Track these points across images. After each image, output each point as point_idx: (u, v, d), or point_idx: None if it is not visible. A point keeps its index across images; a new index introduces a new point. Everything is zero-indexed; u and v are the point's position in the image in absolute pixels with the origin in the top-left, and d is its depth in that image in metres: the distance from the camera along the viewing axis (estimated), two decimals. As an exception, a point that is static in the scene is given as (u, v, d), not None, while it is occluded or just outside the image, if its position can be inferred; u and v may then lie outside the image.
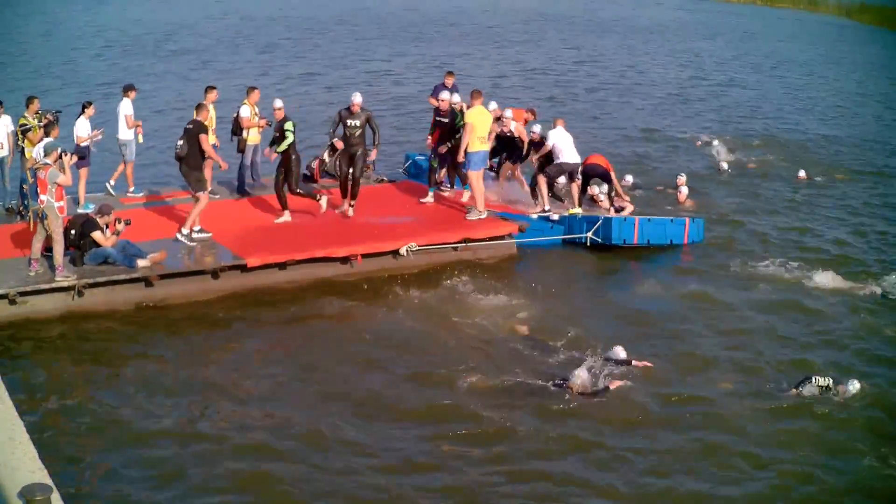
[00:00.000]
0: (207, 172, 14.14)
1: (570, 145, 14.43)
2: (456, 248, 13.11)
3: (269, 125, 14.59)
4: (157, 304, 11.34)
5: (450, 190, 14.92)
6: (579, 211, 14.38)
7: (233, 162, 14.99)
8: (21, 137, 12.83)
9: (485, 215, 13.59)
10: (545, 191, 14.48)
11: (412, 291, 11.92)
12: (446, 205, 14.38)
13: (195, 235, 12.22)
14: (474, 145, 13.47)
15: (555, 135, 14.46)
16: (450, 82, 16.07)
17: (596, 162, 15.07)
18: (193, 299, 11.49)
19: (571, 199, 14.74)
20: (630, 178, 16.94)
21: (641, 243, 13.84)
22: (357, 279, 12.33)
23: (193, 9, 44.78)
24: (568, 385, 9.40)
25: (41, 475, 4.53)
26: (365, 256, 12.45)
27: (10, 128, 13.23)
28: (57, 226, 10.75)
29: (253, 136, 14.20)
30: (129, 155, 14.10)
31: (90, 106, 13.58)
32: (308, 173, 15.29)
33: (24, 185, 11.03)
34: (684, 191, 16.29)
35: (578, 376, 9.42)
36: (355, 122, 13.12)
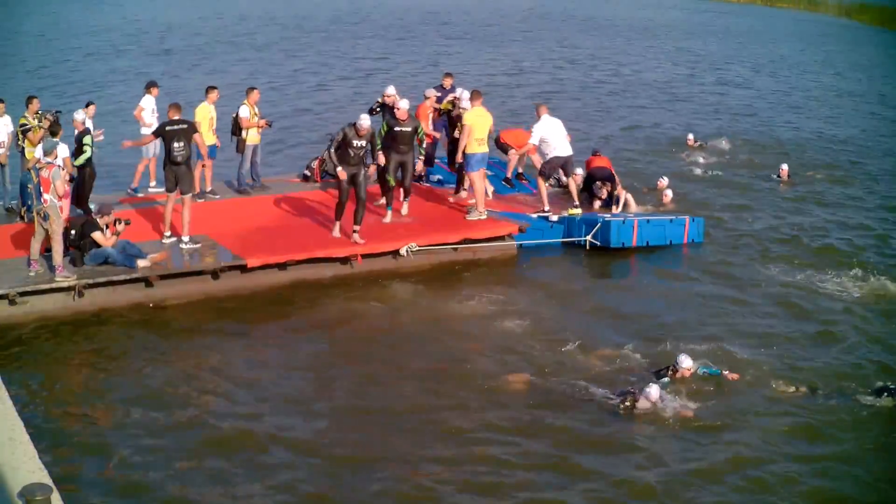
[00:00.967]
0: (207, 173, 14.19)
1: (559, 135, 14.14)
2: (456, 249, 13.11)
3: (270, 125, 14.62)
4: (157, 304, 11.35)
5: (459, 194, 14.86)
6: (579, 212, 14.35)
7: (232, 162, 15.01)
8: (21, 137, 12.84)
9: (485, 216, 13.59)
10: (544, 191, 14.47)
11: (412, 292, 11.92)
12: (446, 205, 14.38)
13: (187, 240, 12.15)
14: (472, 147, 13.45)
15: (540, 127, 14.09)
16: (448, 83, 16.07)
17: (601, 164, 15.03)
18: (193, 299, 11.50)
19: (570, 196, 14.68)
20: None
21: (641, 245, 13.84)
22: (357, 279, 12.34)
23: (193, 8, 44.79)
24: (637, 395, 9.17)
25: (41, 475, 4.54)
26: (365, 257, 12.46)
27: (10, 128, 13.24)
28: (58, 226, 10.76)
29: (252, 137, 14.20)
30: (147, 152, 14.14)
31: (91, 105, 13.59)
32: (308, 173, 15.30)
33: (29, 186, 11.01)
34: (669, 193, 15.99)
35: (650, 390, 9.17)
36: (361, 144, 12.38)
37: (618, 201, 15.02)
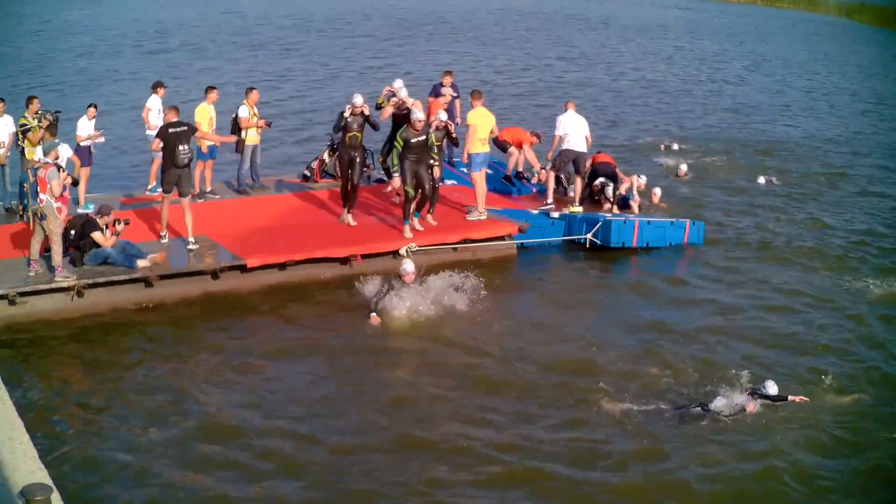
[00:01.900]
0: (208, 173, 14.19)
1: (578, 132, 14.31)
2: (456, 249, 13.11)
3: (269, 126, 14.61)
4: (157, 304, 11.34)
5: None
6: (580, 210, 14.37)
7: (232, 162, 15.02)
8: (21, 137, 12.83)
9: (485, 216, 13.60)
10: (552, 184, 14.51)
11: (411, 292, 11.89)
12: (446, 205, 14.38)
13: (192, 241, 12.15)
14: (476, 146, 13.50)
15: (562, 119, 14.42)
16: (448, 82, 16.09)
17: (605, 160, 15.03)
18: (193, 300, 11.49)
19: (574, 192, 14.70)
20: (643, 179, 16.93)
21: (641, 245, 13.84)
22: (357, 279, 12.33)
23: (192, 8, 44.78)
24: (708, 409, 9.07)
25: (41, 475, 4.54)
26: (365, 257, 12.45)
27: (11, 128, 13.24)
28: (56, 226, 10.75)
29: (252, 137, 14.21)
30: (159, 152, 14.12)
31: (93, 107, 13.59)
32: (308, 174, 15.30)
33: (25, 185, 11.02)
34: (657, 192, 15.80)
35: (719, 403, 9.10)
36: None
37: (622, 199, 14.99)
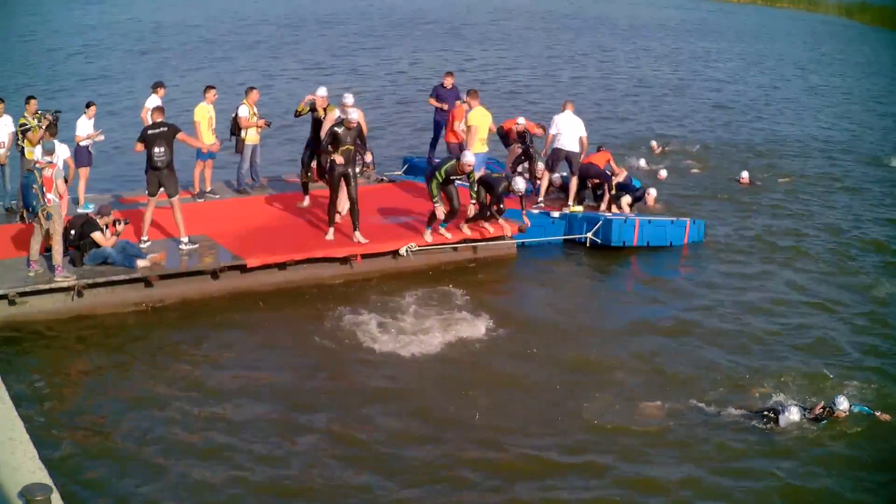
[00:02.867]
0: (207, 172, 14.17)
1: (571, 132, 14.33)
2: (456, 249, 13.10)
3: (269, 125, 14.60)
4: (157, 304, 11.34)
5: None
6: (580, 209, 14.37)
7: (232, 162, 15.01)
8: (21, 137, 12.82)
9: (485, 215, 13.60)
10: (545, 184, 14.51)
11: (412, 292, 11.90)
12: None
13: (186, 241, 12.12)
14: (475, 147, 13.50)
15: (559, 119, 14.47)
16: (449, 83, 16.08)
17: (593, 161, 15.01)
18: (193, 300, 11.49)
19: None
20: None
21: (641, 244, 13.83)
22: (357, 279, 12.34)
23: (192, 8, 44.77)
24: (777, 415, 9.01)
25: (41, 475, 4.53)
26: (365, 257, 12.45)
27: (11, 128, 13.23)
28: (59, 226, 10.75)
29: (252, 136, 14.20)
30: None
31: (92, 106, 13.58)
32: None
33: (34, 187, 10.98)
34: (652, 192, 15.64)
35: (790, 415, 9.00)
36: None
37: (620, 190, 14.96)
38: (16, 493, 4.29)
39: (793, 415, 8.99)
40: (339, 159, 12.16)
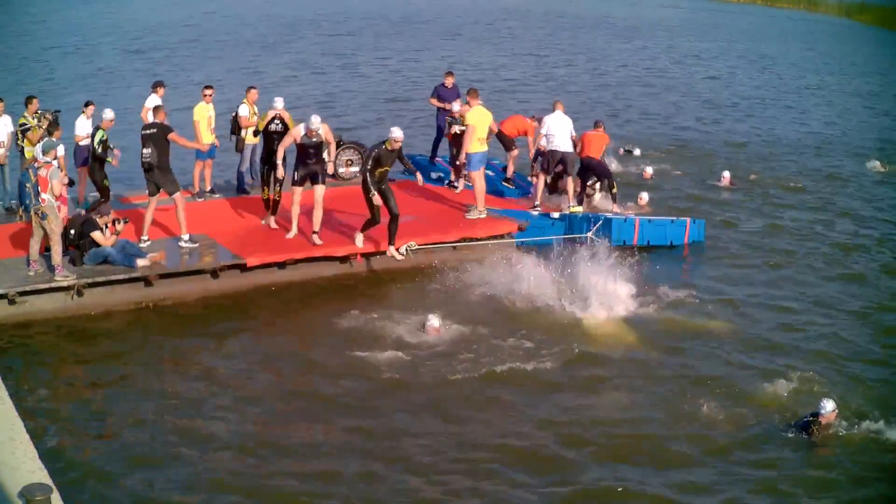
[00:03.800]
0: (207, 172, 14.17)
1: (564, 132, 14.28)
2: (456, 248, 13.10)
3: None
4: (157, 303, 11.34)
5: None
6: (580, 209, 14.36)
7: (232, 162, 14.98)
8: (20, 137, 12.82)
9: (484, 214, 13.60)
10: (541, 185, 14.49)
11: (412, 290, 11.90)
12: (446, 204, 14.38)
13: (186, 238, 12.11)
14: (474, 146, 13.51)
15: (550, 120, 14.33)
16: (450, 83, 16.07)
17: (593, 155, 14.94)
18: (193, 299, 11.49)
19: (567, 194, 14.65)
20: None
21: (641, 244, 13.82)
22: (357, 278, 12.33)
23: (191, 7, 44.78)
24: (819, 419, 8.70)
25: (41, 475, 4.54)
26: (364, 256, 12.44)
27: (10, 128, 13.23)
28: (56, 225, 10.74)
29: (251, 136, 14.19)
30: None
31: (90, 105, 13.57)
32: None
33: (27, 185, 11.00)
34: (644, 196, 15.59)
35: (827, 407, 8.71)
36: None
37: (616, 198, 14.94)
38: (16, 493, 4.29)
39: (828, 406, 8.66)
40: (376, 199, 11.92)
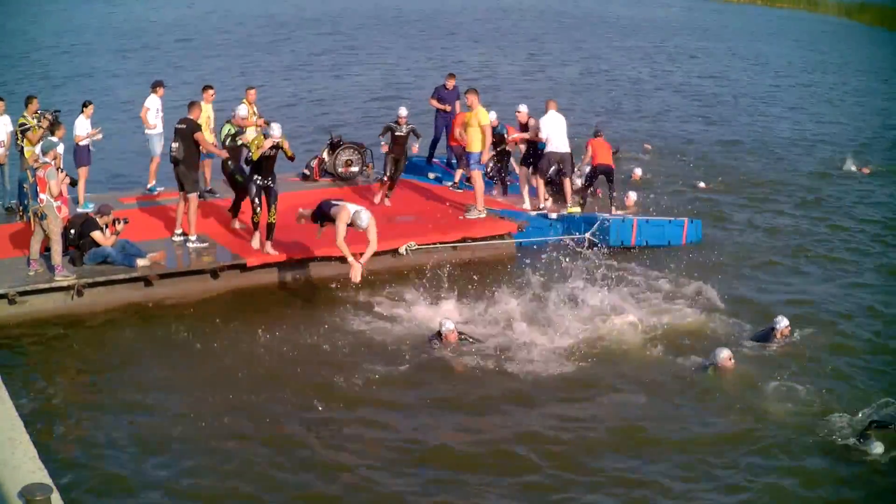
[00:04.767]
0: (207, 172, 14.18)
1: (560, 132, 14.23)
2: (455, 248, 13.12)
3: (268, 124, 14.58)
4: (157, 303, 11.35)
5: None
6: (578, 210, 14.37)
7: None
8: (20, 137, 12.84)
9: (484, 214, 13.62)
10: (542, 187, 14.47)
11: (411, 290, 11.91)
12: (446, 204, 14.40)
13: (194, 239, 12.16)
14: (476, 145, 13.53)
15: (544, 121, 14.22)
16: (451, 84, 16.08)
17: (605, 162, 14.91)
18: (193, 299, 11.50)
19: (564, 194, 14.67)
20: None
21: (639, 244, 13.83)
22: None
23: (190, 7, 44.78)
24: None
25: (41, 475, 4.54)
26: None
27: (10, 127, 13.24)
28: (55, 225, 10.76)
29: (250, 135, 14.18)
30: (152, 150, 14.14)
31: (89, 105, 13.59)
32: (308, 172, 15.31)
33: (25, 185, 11.03)
34: (632, 196, 15.45)
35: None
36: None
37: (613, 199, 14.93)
38: (16, 493, 4.30)
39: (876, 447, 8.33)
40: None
